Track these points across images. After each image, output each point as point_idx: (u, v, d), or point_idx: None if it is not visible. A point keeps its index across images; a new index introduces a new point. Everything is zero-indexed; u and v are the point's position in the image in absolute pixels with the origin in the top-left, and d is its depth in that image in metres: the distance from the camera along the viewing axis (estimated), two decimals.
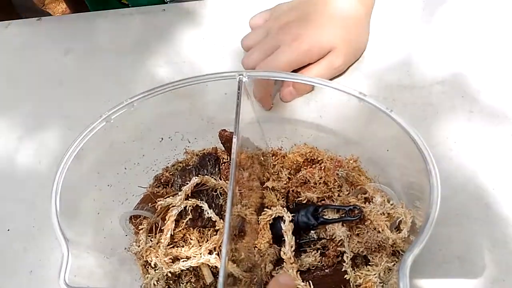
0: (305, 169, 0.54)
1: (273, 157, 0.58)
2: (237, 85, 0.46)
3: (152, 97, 0.48)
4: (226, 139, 0.54)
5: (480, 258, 0.49)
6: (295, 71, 0.62)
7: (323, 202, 0.51)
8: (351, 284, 0.48)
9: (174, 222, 0.53)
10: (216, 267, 0.51)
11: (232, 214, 0.43)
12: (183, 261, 0.51)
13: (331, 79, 0.63)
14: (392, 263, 0.48)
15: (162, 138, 0.59)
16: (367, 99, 0.43)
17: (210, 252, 0.51)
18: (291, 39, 0.61)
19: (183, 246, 0.53)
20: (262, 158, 0.57)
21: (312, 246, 0.50)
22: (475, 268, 0.49)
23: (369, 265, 0.49)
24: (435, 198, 0.39)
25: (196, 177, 0.54)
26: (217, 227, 0.52)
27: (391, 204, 0.48)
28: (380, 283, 0.48)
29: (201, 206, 0.53)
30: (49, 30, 0.79)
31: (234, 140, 0.47)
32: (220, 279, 0.40)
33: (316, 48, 0.61)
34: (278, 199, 0.54)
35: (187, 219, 0.53)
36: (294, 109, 0.63)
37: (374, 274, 0.47)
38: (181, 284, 0.53)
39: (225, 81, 0.47)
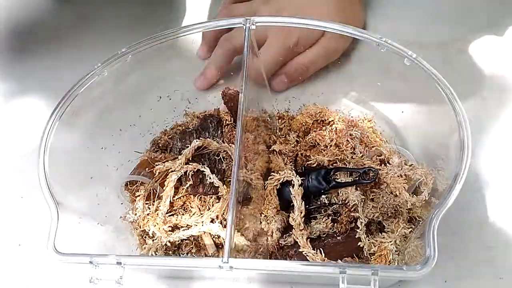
0: (314, 131, 0.50)
1: (279, 120, 0.54)
2: (244, 34, 0.42)
3: (149, 47, 0.43)
4: (229, 97, 0.50)
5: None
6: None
7: (335, 165, 0.48)
8: (364, 252, 0.45)
9: (173, 188, 0.49)
10: (218, 236, 0.48)
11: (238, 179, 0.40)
12: (184, 230, 0.48)
13: (327, 65, 0.58)
14: (409, 230, 0.44)
15: (160, 97, 0.55)
16: (389, 43, 0.39)
17: (212, 221, 0.48)
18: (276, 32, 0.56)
19: (183, 214, 0.49)
20: (268, 120, 0.53)
21: (322, 212, 0.47)
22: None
23: (384, 232, 0.45)
24: (466, 153, 0.35)
25: (197, 140, 0.50)
26: (220, 194, 0.49)
27: (410, 165, 0.44)
28: (395, 251, 0.44)
29: (203, 171, 0.49)
30: None
31: (241, 96, 0.43)
32: (226, 247, 0.36)
33: (304, 37, 0.56)
34: (285, 163, 0.50)
35: (188, 185, 0.49)
36: None
37: (390, 242, 0.44)
38: (181, 255, 0.49)
39: None
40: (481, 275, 0.45)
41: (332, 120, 0.51)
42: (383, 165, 0.46)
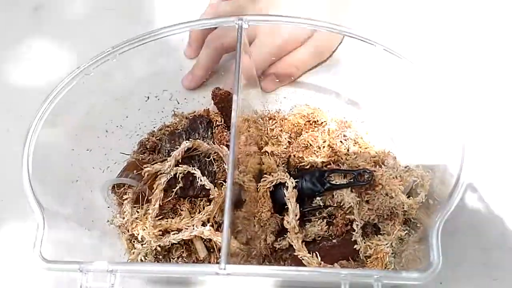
0: (306, 132, 0.50)
1: (270, 120, 0.53)
2: (237, 33, 0.41)
3: (138, 45, 0.42)
4: (220, 98, 0.49)
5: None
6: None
7: (329, 166, 0.47)
8: (360, 255, 0.44)
9: (163, 191, 0.48)
10: (210, 240, 0.47)
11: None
12: (174, 234, 0.46)
13: (317, 65, 0.57)
14: (405, 232, 0.44)
15: (148, 97, 0.53)
16: (382, 43, 0.38)
17: (203, 224, 0.47)
18: (266, 31, 0.55)
19: (173, 218, 0.48)
20: (260, 121, 0.52)
21: (317, 214, 0.46)
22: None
23: (380, 234, 0.45)
24: (464, 155, 0.35)
25: (187, 141, 0.49)
26: (211, 196, 0.47)
27: (405, 167, 0.44)
28: (391, 253, 0.44)
29: (193, 173, 0.48)
30: None
31: (235, 97, 0.41)
32: (223, 252, 0.35)
33: (293, 37, 0.55)
34: (278, 165, 0.49)
35: (177, 187, 0.48)
36: None
37: (386, 244, 0.43)
38: (171, 259, 0.48)
39: None
40: (476, 276, 0.45)
41: (325, 121, 0.50)
42: (377, 166, 0.45)
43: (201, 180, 0.47)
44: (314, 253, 0.43)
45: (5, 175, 0.53)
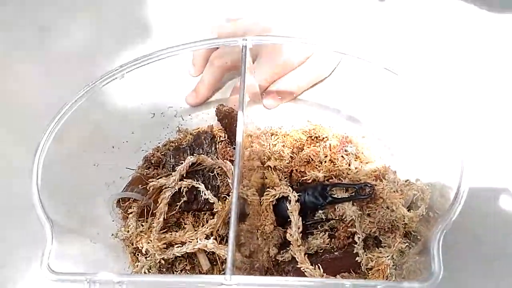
0: (308, 147, 0.51)
1: (273, 136, 0.54)
2: (241, 51, 0.42)
3: (144, 64, 0.43)
4: (224, 115, 0.51)
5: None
6: None
7: (330, 180, 0.48)
8: (362, 267, 0.45)
9: (167, 205, 0.48)
10: (213, 253, 0.47)
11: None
12: (178, 247, 0.47)
13: (319, 82, 0.59)
14: (405, 244, 0.45)
15: (154, 114, 0.55)
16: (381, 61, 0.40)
17: (207, 237, 0.47)
18: (268, 51, 0.57)
19: (176, 231, 0.49)
20: (263, 137, 0.53)
21: (319, 227, 0.47)
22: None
23: (381, 246, 0.45)
24: (463, 168, 0.36)
25: (192, 156, 0.50)
26: (214, 210, 0.48)
27: (406, 181, 0.45)
28: (392, 265, 0.44)
29: (197, 187, 0.49)
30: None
31: (240, 114, 0.42)
32: (229, 263, 0.36)
33: (293, 57, 0.57)
34: (280, 179, 0.50)
35: (181, 201, 0.49)
36: None
37: (387, 256, 0.44)
38: (175, 272, 0.48)
39: None
40: (476, 286, 0.45)
41: (326, 137, 0.51)
42: (378, 180, 0.46)
43: (205, 194, 0.48)
44: (316, 265, 0.44)
45: (12, 191, 0.54)
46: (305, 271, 0.44)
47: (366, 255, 0.45)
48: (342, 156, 0.49)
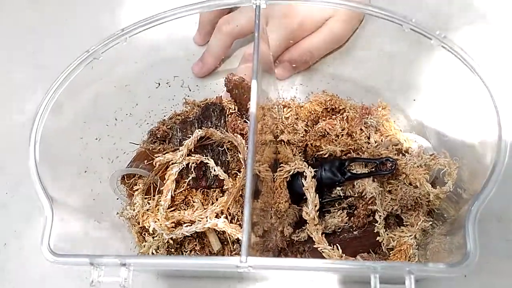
0: (323, 120, 0.48)
1: (285, 108, 0.51)
2: (254, 13, 0.39)
3: (149, 28, 0.39)
4: (234, 85, 0.47)
5: None
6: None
7: (348, 155, 0.45)
8: (383, 247, 0.42)
9: (174, 181, 0.46)
10: (223, 232, 0.45)
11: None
12: (187, 226, 0.44)
13: (332, 50, 0.55)
14: (429, 223, 0.42)
15: (159, 84, 0.51)
16: (413, 22, 0.36)
17: (217, 216, 0.45)
18: (279, 14, 0.53)
19: (185, 210, 0.46)
20: (275, 109, 0.49)
21: (337, 205, 0.44)
22: None
23: (403, 225, 0.43)
24: (504, 140, 0.32)
25: (200, 130, 0.47)
26: (225, 187, 0.46)
27: (431, 155, 0.42)
28: (415, 245, 0.42)
29: (206, 163, 0.46)
30: None
31: (254, 85, 0.39)
32: (244, 245, 0.33)
33: (308, 20, 0.53)
34: (294, 154, 0.47)
35: (190, 178, 0.46)
36: None
37: (410, 236, 0.42)
38: (184, 253, 0.46)
39: None
40: (501, 269, 0.43)
41: (343, 108, 0.48)
42: (401, 155, 0.43)
43: (214, 170, 0.45)
44: (334, 245, 0.41)
45: (8, 166, 0.51)
46: (322, 251, 0.41)
47: (387, 234, 0.42)
48: (361, 129, 0.46)
